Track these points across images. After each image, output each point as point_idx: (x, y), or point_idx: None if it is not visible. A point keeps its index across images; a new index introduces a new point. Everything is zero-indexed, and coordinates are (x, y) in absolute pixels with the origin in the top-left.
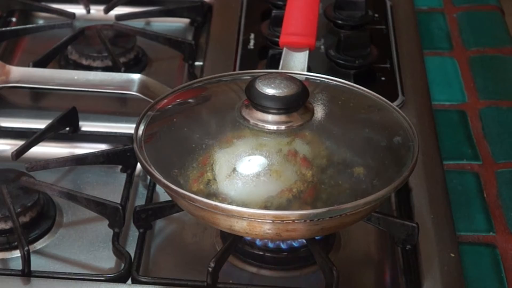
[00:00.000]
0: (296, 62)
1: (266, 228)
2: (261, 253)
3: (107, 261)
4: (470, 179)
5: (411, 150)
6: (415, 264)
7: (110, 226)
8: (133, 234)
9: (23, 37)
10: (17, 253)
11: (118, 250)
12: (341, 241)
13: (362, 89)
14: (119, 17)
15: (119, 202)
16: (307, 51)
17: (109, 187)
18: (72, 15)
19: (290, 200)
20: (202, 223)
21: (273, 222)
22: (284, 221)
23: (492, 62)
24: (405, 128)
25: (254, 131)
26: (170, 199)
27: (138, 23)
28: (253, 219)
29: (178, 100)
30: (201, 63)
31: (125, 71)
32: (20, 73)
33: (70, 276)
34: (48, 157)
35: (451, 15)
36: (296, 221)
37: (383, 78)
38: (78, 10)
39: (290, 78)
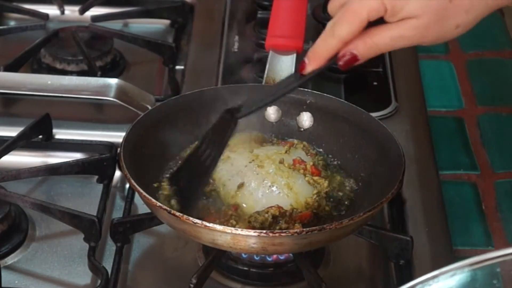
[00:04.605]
0: (283, 66)
1: (251, 242)
2: (246, 268)
3: (83, 277)
4: (467, 190)
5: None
6: (409, 280)
7: (85, 240)
8: (110, 248)
9: None
10: None
11: (94, 265)
12: (331, 255)
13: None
14: (95, 18)
15: (95, 214)
16: (295, 55)
17: (85, 198)
18: (45, 16)
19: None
20: (183, 237)
21: (258, 235)
22: (270, 234)
23: (490, 66)
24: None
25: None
26: (149, 211)
27: (116, 25)
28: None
29: (165, 110)
30: (182, 67)
31: (102, 76)
32: None
33: None
34: (20, 166)
35: None
36: (283, 234)
37: (375, 83)
38: (51, 10)
39: None
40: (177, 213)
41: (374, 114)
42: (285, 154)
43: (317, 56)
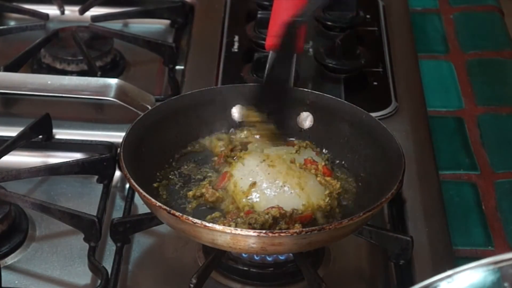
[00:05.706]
0: None
1: (251, 242)
2: (245, 268)
3: (83, 277)
4: (467, 190)
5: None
6: (409, 280)
7: (85, 240)
8: (110, 248)
9: None
10: None
11: (94, 265)
12: (331, 255)
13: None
14: (95, 18)
15: (95, 214)
16: (295, 55)
17: (85, 198)
18: (45, 16)
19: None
20: (183, 237)
21: (258, 235)
22: (270, 235)
23: (490, 65)
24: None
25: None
26: (149, 211)
27: (116, 25)
28: (237, 232)
29: (165, 110)
30: (182, 67)
31: (102, 76)
32: None
33: None
34: (20, 166)
35: (447, 16)
36: (282, 234)
37: (375, 83)
38: (51, 10)
39: None
40: (177, 213)
41: (374, 114)
42: (295, 154)
43: None
